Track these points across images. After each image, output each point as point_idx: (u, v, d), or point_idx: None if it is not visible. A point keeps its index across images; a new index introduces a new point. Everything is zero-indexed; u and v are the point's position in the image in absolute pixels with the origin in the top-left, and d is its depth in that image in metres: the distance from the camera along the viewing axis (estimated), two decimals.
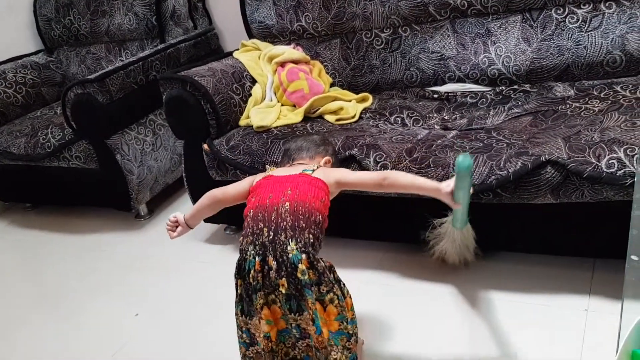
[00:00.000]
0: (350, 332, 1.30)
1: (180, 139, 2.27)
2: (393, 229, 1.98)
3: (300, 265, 1.23)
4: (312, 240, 1.27)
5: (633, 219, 1.09)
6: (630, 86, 1.88)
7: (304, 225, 1.28)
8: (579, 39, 2.03)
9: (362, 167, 1.77)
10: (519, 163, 1.56)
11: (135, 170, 2.50)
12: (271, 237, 1.26)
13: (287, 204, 1.30)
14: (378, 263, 2.00)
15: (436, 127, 1.99)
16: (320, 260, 1.26)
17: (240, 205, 1.77)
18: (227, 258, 2.24)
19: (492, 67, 2.18)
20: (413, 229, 1.91)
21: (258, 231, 1.29)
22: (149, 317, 1.97)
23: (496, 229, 1.80)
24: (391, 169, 1.72)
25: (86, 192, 2.69)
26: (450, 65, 2.26)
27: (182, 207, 2.72)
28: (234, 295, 1.32)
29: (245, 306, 1.31)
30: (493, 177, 1.59)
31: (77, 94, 2.36)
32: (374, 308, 1.76)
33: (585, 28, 2.02)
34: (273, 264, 1.24)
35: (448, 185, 1.32)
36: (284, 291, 1.24)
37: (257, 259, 1.26)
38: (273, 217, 1.29)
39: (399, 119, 2.09)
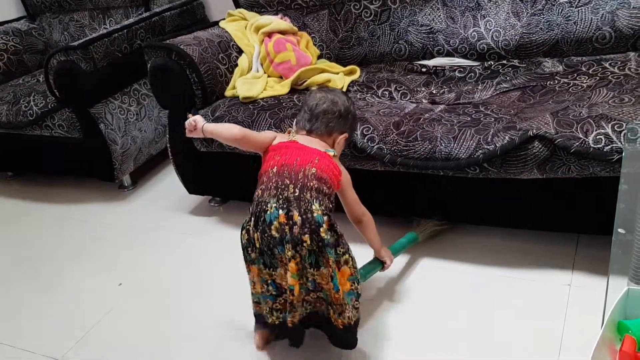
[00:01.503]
0: (359, 292, 1.39)
1: (164, 108, 2.24)
2: (383, 203, 1.97)
3: (324, 225, 1.30)
4: (330, 207, 1.36)
5: (620, 193, 1.09)
6: (619, 63, 1.87)
7: (327, 192, 1.36)
8: (569, 14, 2.02)
9: (349, 140, 1.76)
10: (507, 137, 1.56)
11: (119, 140, 2.46)
12: (297, 194, 1.31)
13: (314, 169, 1.36)
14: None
15: (424, 101, 1.98)
16: (337, 225, 1.34)
17: (227, 177, 1.77)
18: (211, 229, 2.23)
19: (481, 41, 2.16)
20: (401, 204, 1.91)
21: (283, 186, 1.33)
22: (132, 287, 1.96)
23: (482, 203, 1.80)
24: (378, 144, 1.72)
25: (69, 162, 2.65)
26: (439, 39, 2.23)
27: (167, 179, 2.71)
28: (243, 251, 1.39)
29: (267, 259, 1.36)
30: (480, 151, 1.58)
31: (60, 61, 2.31)
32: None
33: (576, 3, 2.00)
34: (298, 219, 1.29)
35: (389, 261, 1.63)
36: (306, 246, 1.29)
37: (280, 212, 1.30)
38: (300, 177, 1.34)
39: (386, 93, 2.07)
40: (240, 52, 2.31)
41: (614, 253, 0.99)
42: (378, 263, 1.62)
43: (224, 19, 2.48)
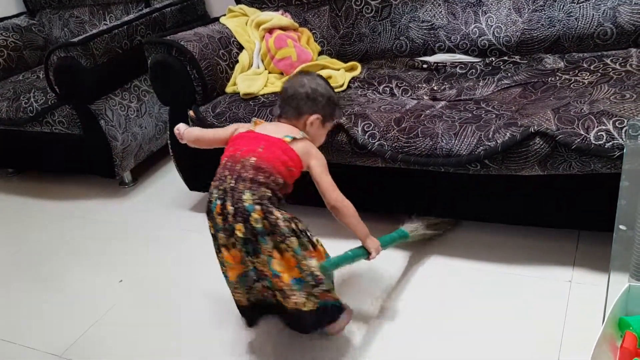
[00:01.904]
0: (311, 281, 1.37)
1: (165, 105, 2.23)
2: (384, 199, 1.97)
3: (253, 214, 1.32)
4: (268, 195, 1.36)
5: (622, 189, 1.09)
6: (620, 59, 1.87)
7: (262, 180, 1.36)
8: (570, 10, 2.01)
9: (350, 137, 1.76)
10: (508, 134, 1.55)
11: (120, 137, 2.46)
12: (232, 185, 1.36)
13: (254, 159, 1.38)
14: None
15: (425, 97, 1.98)
16: (275, 213, 1.34)
17: None
18: None
19: (482, 37, 2.15)
20: (402, 201, 1.91)
21: (223, 178, 1.39)
22: (133, 284, 1.96)
23: (482, 200, 1.80)
24: (379, 140, 1.72)
25: (70, 158, 2.65)
26: (440, 35, 2.23)
27: (168, 175, 2.70)
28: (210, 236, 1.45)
29: (216, 243, 1.44)
30: (481, 147, 1.58)
31: (61, 57, 2.31)
32: (358, 277, 1.77)
33: None
34: (230, 209, 1.34)
35: (376, 252, 1.52)
36: (240, 235, 1.34)
37: (218, 202, 1.37)
38: (238, 168, 1.38)
39: (387, 89, 2.07)
40: (240, 48, 2.30)
41: (615, 249, 0.99)
42: (363, 252, 1.52)
43: (224, 15, 2.48)
